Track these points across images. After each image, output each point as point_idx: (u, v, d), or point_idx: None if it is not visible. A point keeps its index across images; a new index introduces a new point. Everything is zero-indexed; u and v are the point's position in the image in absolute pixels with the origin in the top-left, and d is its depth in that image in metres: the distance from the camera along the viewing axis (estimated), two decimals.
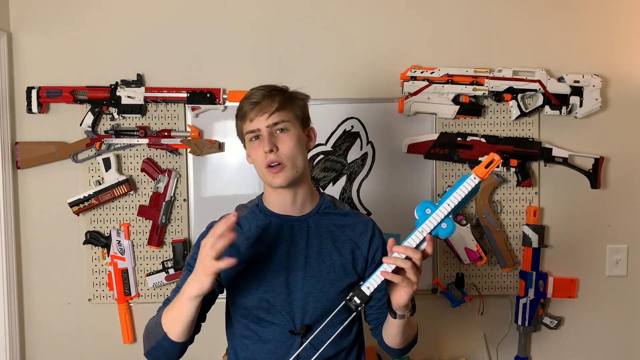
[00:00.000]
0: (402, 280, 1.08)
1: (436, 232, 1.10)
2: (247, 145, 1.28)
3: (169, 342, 1.16)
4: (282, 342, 1.25)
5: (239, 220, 1.31)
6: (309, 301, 1.24)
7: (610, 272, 2.00)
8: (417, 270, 1.09)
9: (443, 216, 1.09)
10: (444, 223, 1.09)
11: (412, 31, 1.95)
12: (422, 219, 1.10)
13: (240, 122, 1.27)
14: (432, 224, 1.09)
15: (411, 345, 1.31)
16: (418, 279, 1.09)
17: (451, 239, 1.90)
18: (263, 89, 1.26)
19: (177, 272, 1.91)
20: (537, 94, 1.92)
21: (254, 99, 1.23)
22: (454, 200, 1.09)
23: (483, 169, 1.10)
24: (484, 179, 1.10)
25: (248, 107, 1.23)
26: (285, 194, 1.27)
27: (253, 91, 1.26)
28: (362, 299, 1.09)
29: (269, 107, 1.22)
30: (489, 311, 2.00)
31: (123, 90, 1.88)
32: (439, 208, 1.10)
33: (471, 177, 1.09)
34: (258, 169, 1.26)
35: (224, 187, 1.94)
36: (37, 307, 1.95)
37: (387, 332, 1.26)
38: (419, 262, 1.10)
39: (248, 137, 1.25)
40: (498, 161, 1.09)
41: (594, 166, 1.94)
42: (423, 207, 1.10)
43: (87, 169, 1.92)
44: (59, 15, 1.91)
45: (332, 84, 1.93)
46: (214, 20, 1.93)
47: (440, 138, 1.91)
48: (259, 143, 1.23)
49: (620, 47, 1.98)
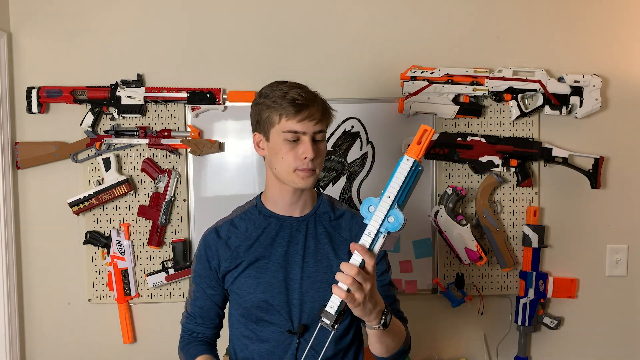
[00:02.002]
0: (345, 297, 1.02)
1: (386, 229, 1.02)
2: (278, 142, 1.21)
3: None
4: (280, 342, 1.26)
5: (235, 222, 1.32)
6: (306, 301, 1.25)
7: (610, 272, 2.00)
8: (361, 287, 1.03)
9: (386, 210, 1.02)
10: (391, 216, 1.01)
11: (412, 31, 1.95)
12: (368, 218, 1.03)
13: (273, 114, 1.21)
14: (377, 222, 1.02)
15: (397, 356, 1.25)
16: (360, 296, 1.03)
17: (451, 239, 1.90)
18: (305, 92, 1.22)
19: (177, 272, 1.91)
20: (537, 94, 1.92)
21: (301, 100, 1.19)
22: (393, 190, 1.02)
23: (416, 146, 1.01)
24: (420, 157, 1.01)
25: (294, 106, 1.18)
26: (292, 193, 1.27)
27: (291, 88, 1.21)
28: (330, 319, 1.03)
29: (316, 114, 1.21)
30: (489, 311, 2.00)
31: (123, 90, 1.88)
32: (380, 203, 1.02)
33: (404, 160, 1.01)
34: (282, 168, 1.22)
35: (224, 187, 1.94)
36: (37, 307, 1.95)
37: (369, 340, 1.21)
38: (370, 269, 1.04)
39: (287, 135, 1.19)
40: (430, 132, 1.00)
41: (594, 166, 1.93)
42: (366, 206, 1.03)
43: (87, 169, 1.92)
44: (59, 15, 1.91)
45: (332, 84, 1.93)
46: (214, 20, 1.93)
47: (440, 138, 1.91)
48: (297, 146, 1.20)
49: (620, 47, 1.98)
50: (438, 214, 1.90)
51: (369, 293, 1.04)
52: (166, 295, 1.94)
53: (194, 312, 1.35)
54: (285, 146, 1.20)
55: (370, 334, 1.17)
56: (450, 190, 1.89)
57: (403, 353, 1.26)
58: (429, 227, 1.96)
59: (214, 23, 1.93)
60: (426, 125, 1.01)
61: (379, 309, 1.09)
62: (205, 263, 1.31)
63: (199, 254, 1.33)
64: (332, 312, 1.04)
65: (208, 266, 1.31)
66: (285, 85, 1.23)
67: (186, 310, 1.37)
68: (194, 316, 1.35)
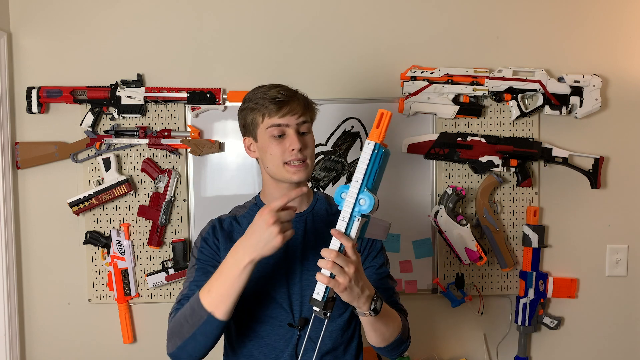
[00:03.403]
0: (327, 282, 1.06)
1: (359, 212, 1.06)
2: (265, 140, 1.25)
3: (215, 323, 1.13)
4: (281, 336, 1.26)
5: (238, 219, 1.34)
6: (306, 294, 1.26)
7: (610, 272, 2.00)
8: (343, 271, 1.05)
9: (356, 194, 1.06)
10: (362, 199, 1.05)
11: (412, 31, 1.95)
12: (341, 204, 1.07)
13: (257, 115, 1.25)
14: (349, 206, 1.06)
15: (395, 345, 1.26)
16: (345, 280, 1.05)
17: (451, 239, 1.90)
18: (284, 90, 1.26)
19: (177, 272, 1.91)
20: (537, 94, 1.92)
21: (281, 97, 1.23)
22: (359, 174, 1.05)
23: (375, 129, 1.05)
24: (382, 140, 1.05)
25: (275, 104, 1.23)
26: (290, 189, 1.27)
27: (270, 89, 1.26)
28: (319, 305, 1.06)
29: (298, 108, 1.25)
30: (489, 311, 2.00)
31: (123, 90, 1.88)
32: (349, 188, 1.06)
33: (366, 144, 1.05)
34: (273, 164, 1.25)
35: (224, 187, 1.94)
36: (37, 307, 1.95)
37: (364, 329, 1.24)
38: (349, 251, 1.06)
39: (273, 130, 1.24)
40: (387, 114, 1.04)
41: (594, 166, 1.94)
42: (339, 193, 1.08)
43: (87, 169, 1.92)
44: (59, 15, 1.91)
45: (332, 84, 1.93)
46: (214, 20, 1.93)
47: (440, 138, 1.91)
48: (283, 140, 1.24)
49: (620, 47, 1.98)
50: (438, 214, 1.90)
51: (354, 277, 1.06)
52: (166, 295, 1.94)
53: (192, 290, 1.23)
54: (272, 142, 1.25)
55: (364, 323, 1.18)
56: (450, 190, 1.89)
57: (401, 343, 1.27)
58: (429, 227, 1.96)
59: (214, 23, 1.93)
60: (382, 109, 1.04)
61: (367, 294, 1.11)
62: (212, 244, 1.29)
63: (206, 236, 1.31)
64: (318, 298, 1.06)
65: (216, 248, 1.29)
66: (265, 87, 1.28)
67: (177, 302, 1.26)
68: (189, 295, 1.23)
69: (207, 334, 1.15)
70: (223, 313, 1.13)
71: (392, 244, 1.94)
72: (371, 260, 1.33)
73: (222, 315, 1.13)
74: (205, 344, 1.16)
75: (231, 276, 1.12)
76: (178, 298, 1.26)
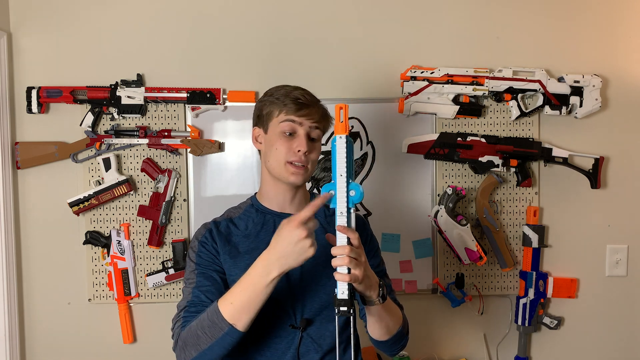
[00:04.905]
0: (349, 279, 1.08)
1: (352, 203, 1.11)
2: (275, 134, 1.26)
3: (236, 335, 1.13)
4: (283, 337, 1.26)
5: (234, 221, 1.34)
6: (307, 295, 1.26)
7: (610, 272, 2.00)
8: (357, 262, 1.08)
9: (345, 187, 1.10)
10: (351, 191, 1.10)
11: (412, 31, 1.95)
12: (334, 202, 1.11)
13: (275, 108, 1.27)
14: (343, 201, 1.10)
15: (397, 338, 1.28)
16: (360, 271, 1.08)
17: (451, 239, 1.90)
18: (308, 94, 1.29)
19: (177, 272, 1.91)
20: (537, 94, 1.92)
21: (302, 100, 1.26)
22: (341, 168, 1.10)
23: (340, 124, 1.11)
24: (348, 132, 1.11)
25: (295, 104, 1.25)
26: (288, 191, 1.31)
27: (295, 89, 1.28)
28: (347, 304, 1.09)
29: (315, 115, 1.27)
30: (489, 311, 2.00)
31: (123, 90, 1.88)
32: (336, 183, 1.11)
33: (338, 139, 1.10)
34: (275, 159, 1.26)
35: (224, 187, 1.94)
36: (37, 307, 1.95)
37: (369, 323, 1.26)
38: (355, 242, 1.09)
39: (285, 126, 1.25)
40: (345, 107, 1.10)
41: (594, 166, 1.94)
42: (327, 190, 1.11)
43: (87, 169, 1.92)
44: (59, 15, 1.91)
45: (332, 84, 1.93)
46: (214, 20, 1.93)
47: (440, 138, 1.91)
48: (292, 139, 1.25)
49: (620, 47, 1.98)
50: (438, 214, 1.90)
51: (365, 265, 1.10)
52: (166, 295, 1.94)
53: (197, 296, 1.22)
54: (281, 138, 1.26)
55: (370, 314, 1.20)
56: (450, 190, 1.89)
57: (402, 337, 1.29)
58: (429, 227, 1.96)
59: (214, 23, 1.93)
60: (339, 104, 1.11)
61: (375, 281, 1.15)
62: (211, 248, 1.28)
63: (204, 240, 1.29)
64: (345, 297, 1.09)
65: (215, 252, 1.28)
66: (290, 87, 1.30)
67: (181, 308, 1.24)
68: (196, 303, 1.21)
69: (225, 345, 1.14)
70: (244, 324, 1.13)
71: (392, 244, 1.94)
72: (370, 259, 1.33)
73: (243, 327, 1.13)
74: (221, 354, 1.16)
75: (257, 289, 1.11)
76: (183, 305, 1.24)
